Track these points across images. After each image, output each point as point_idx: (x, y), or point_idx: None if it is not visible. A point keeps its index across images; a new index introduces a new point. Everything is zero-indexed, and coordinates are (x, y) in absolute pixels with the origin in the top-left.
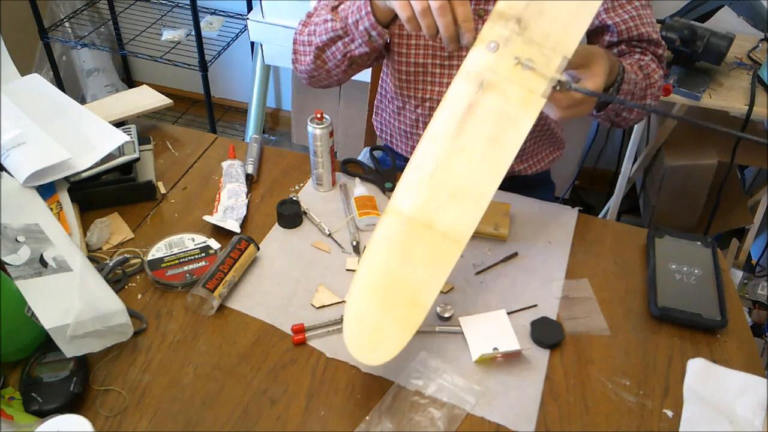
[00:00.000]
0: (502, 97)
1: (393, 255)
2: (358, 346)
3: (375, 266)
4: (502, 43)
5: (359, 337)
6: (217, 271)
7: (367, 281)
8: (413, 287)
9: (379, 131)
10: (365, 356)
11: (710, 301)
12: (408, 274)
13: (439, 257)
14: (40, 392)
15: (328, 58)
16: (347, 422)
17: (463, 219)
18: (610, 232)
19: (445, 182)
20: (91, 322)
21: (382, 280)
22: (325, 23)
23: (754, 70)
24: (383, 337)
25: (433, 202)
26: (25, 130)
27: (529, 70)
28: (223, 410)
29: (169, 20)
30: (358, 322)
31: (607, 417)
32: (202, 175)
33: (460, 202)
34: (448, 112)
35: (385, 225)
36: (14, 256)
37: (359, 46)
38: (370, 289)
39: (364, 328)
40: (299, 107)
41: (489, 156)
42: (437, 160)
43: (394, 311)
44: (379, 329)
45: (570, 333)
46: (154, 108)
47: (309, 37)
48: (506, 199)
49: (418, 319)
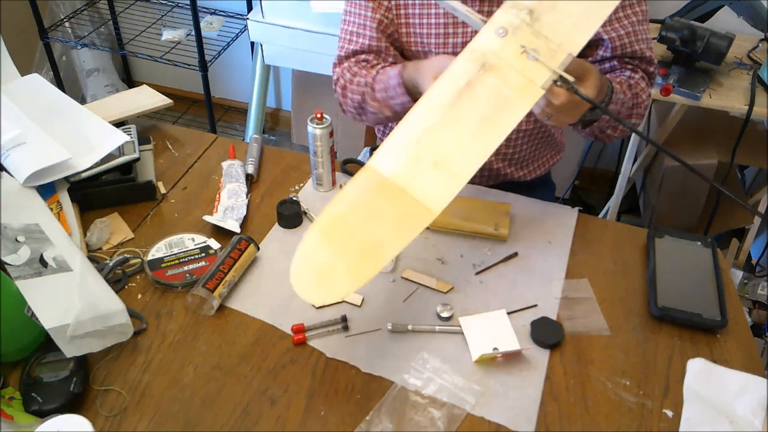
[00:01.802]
0: (502, 80)
1: (359, 209)
2: (303, 284)
3: (337, 214)
4: (510, 31)
5: (306, 275)
6: (217, 271)
7: (327, 226)
8: (372, 241)
9: (379, 133)
10: (309, 294)
11: (710, 301)
12: (370, 229)
13: (408, 219)
14: (40, 392)
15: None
16: (347, 422)
17: (440, 190)
18: (610, 232)
19: (430, 150)
20: (91, 322)
21: (341, 227)
22: (374, 113)
23: (754, 70)
24: (331, 279)
25: (413, 168)
26: (25, 130)
27: (533, 60)
28: (223, 410)
29: (169, 20)
30: (308, 259)
31: (607, 417)
32: (202, 175)
33: (441, 174)
34: (447, 84)
35: (360, 180)
36: (14, 256)
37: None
38: (326, 233)
39: (312, 266)
40: (299, 107)
41: (478, 135)
42: (427, 128)
43: (347, 258)
44: (329, 272)
45: (570, 333)
46: (154, 108)
47: (356, 110)
48: (506, 199)
49: (371, 272)
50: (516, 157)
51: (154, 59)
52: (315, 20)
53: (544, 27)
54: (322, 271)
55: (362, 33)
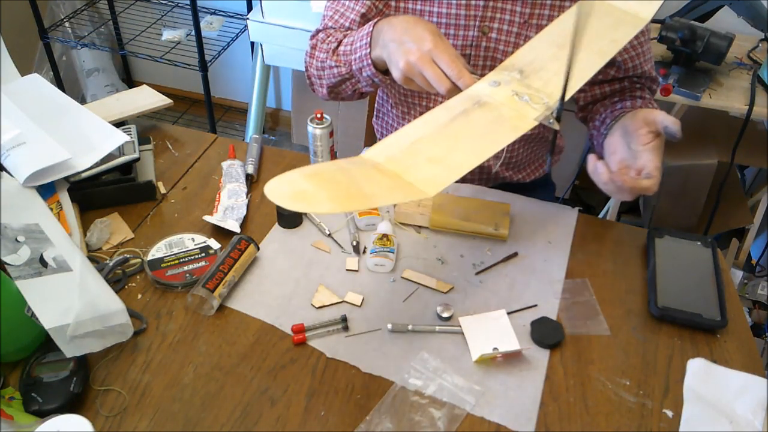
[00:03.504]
0: (497, 113)
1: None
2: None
3: (323, 169)
4: (503, 83)
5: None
6: (217, 271)
7: (309, 171)
8: (360, 189)
9: (379, 135)
10: (285, 203)
11: (710, 301)
12: (359, 183)
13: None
14: (40, 392)
15: (340, 91)
16: (347, 422)
17: (435, 178)
18: (610, 232)
19: (425, 151)
20: (91, 322)
21: (325, 176)
22: (330, 69)
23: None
24: (310, 199)
25: (408, 161)
26: (25, 130)
27: (525, 103)
28: (223, 410)
29: (169, 20)
30: (286, 182)
31: (607, 417)
32: (202, 175)
33: (436, 167)
34: (444, 110)
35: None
36: (14, 256)
37: (366, 86)
38: (308, 176)
39: (291, 187)
40: (299, 107)
41: (476, 144)
42: (423, 135)
43: (330, 189)
44: (308, 194)
45: (570, 333)
46: (154, 108)
47: (318, 72)
48: (506, 199)
49: (354, 207)
50: (514, 161)
51: (154, 59)
52: (315, 20)
53: (534, 82)
54: (300, 194)
55: (346, 16)
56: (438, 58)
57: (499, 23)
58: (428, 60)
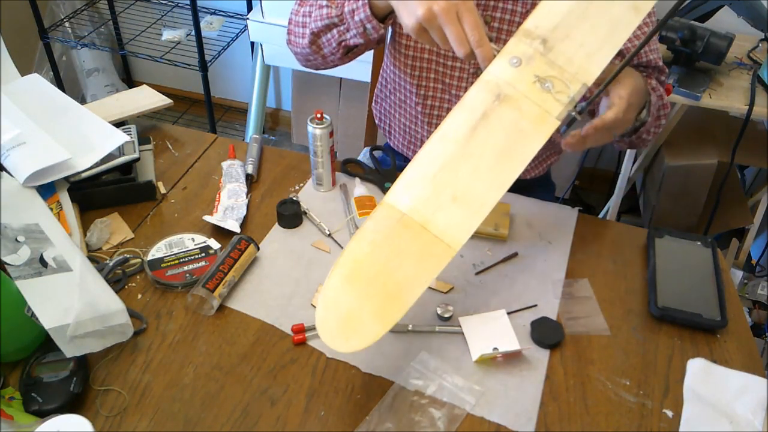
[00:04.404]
0: (518, 112)
1: (380, 248)
2: (330, 332)
3: (359, 256)
4: (524, 60)
5: (332, 322)
6: (217, 271)
7: (349, 269)
8: (396, 282)
9: (378, 119)
10: (338, 343)
11: (710, 301)
12: (393, 269)
13: (429, 258)
14: (40, 392)
15: (323, 44)
16: (347, 422)
17: (460, 225)
18: (610, 232)
19: (448, 185)
20: (91, 322)
21: (364, 270)
22: (320, 8)
23: (754, 70)
24: (358, 325)
25: (433, 203)
26: (25, 130)
27: (547, 92)
28: (223, 410)
29: (169, 20)
30: (332, 305)
31: (607, 417)
32: (202, 175)
33: (460, 208)
34: (462, 116)
35: (378, 217)
36: (14, 256)
37: (354, 36)
38: (349, 277)
39: (338, 314)
40: (299, 107)
41: (496, 167)
42: (444, 161)
43: (373, 302)
44: (355, 318)
45: (570, 333)
46: (154, 108)
47: (304, 18)
48: (506, 199)
49: (398, 315)
50: None
51: (154, 59)
52: None
53: (558, 56)
54: (347, 316)
55: None
56: (463, 17)
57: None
58: (453, 15)
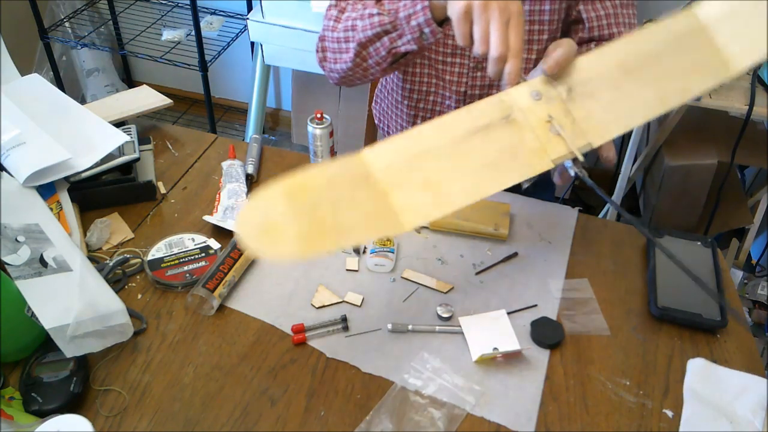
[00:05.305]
0: (518, 138)
1: (335, 188)
2: (248, 231)
3: (311, 182)
4: (545, 98)
5: (255, 224)
6: (217, 271)
7: (294, 187)
8: (335, 222)
9: (377, 120)
10: (251, 242)
11: (710, 301)
12: (337, 211)
13: (377, 222)
14: (40, 392)
15: (369, 54)
16: (347, 422)
17: (419, 210)
18: (610, 232)
19: (426, 169)
20: (91, 322)
21: (308, 195)
22: (370, 17)
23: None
24: (278, 239)
25: (403, 177)
26: (25, 130)
27: (555, 134)
28: (223, 410)
29: (169, 20)
30: (263, 212)
31: (607, 417)
32: (202, 175)
33: (427, 195)
34: (467, 118)
35: (348, 165)
36: (14, 256)
37: (407, 43)
38: (290, 194)
39: (264, 220)
40: (299, 107)
41: (477, 174)
42: (431, 147)
43: (303, 226)
44: (279, 231)
45: (570, 333)
46: (154, 108)
47: (346, 33)
48: (506, 199)
49: (321, 249)
50: None
51: (154, 59)
52: (315, 20)
53: (577, 109)
54: (271, 226)
55: None
56: (513, 23)
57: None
58: (506, 16)
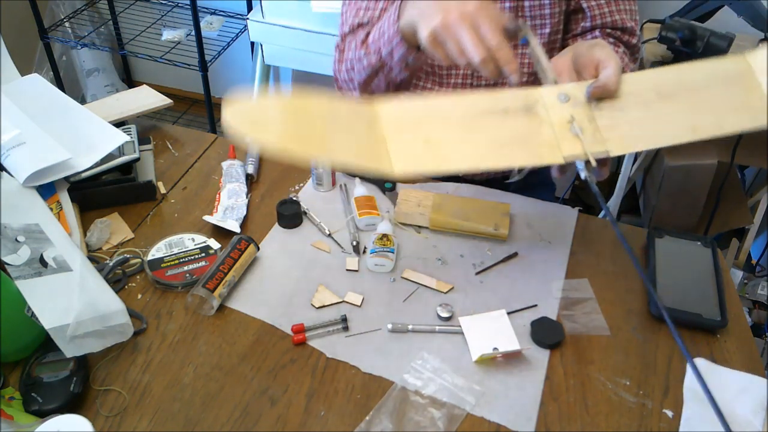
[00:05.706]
0: (535, 129)
1: (335, 114)
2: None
3: (312, 102)
4: (572, 101)
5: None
6: (217, 271)
7: (295, 102)
8: (328, 139)
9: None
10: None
11: (710, 301)
12: (333, 131)
13: (368, 154)
14: (40, 392)
15: (373, 89)
16: (347, 422)
17: (413, 160)
18: (610, 232)
19: (432, 129)
20: (91, 322)
21: (307, 110)
22: (359, 61)
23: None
24: (264, 130)
25: (406, 128)
26: (25, 130)
27: (573, 134)
28: (223, 410)
29: (169, 20)
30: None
31: (607, 417)
32: (202, 175)
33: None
34: (487, 100)
35: (356, 104)
36: (14, 256)
37: (399, 73)
38: (290, 104)
39: (258, 116)
40: None
41: (482, 148)
42: (442, 113)
43: (293, 131)
44: (266, 125)
45: (570, 333)
46: (154, 108)
47: (348, 74)
48: (506, 199)
49: (303, 155)
50: None
51: (154, 59)
52: (315, 20)
53: (602, 118)
54: (260, 119)
55: (371, 7)
56: (479, 23)
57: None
58: (468, 23)
